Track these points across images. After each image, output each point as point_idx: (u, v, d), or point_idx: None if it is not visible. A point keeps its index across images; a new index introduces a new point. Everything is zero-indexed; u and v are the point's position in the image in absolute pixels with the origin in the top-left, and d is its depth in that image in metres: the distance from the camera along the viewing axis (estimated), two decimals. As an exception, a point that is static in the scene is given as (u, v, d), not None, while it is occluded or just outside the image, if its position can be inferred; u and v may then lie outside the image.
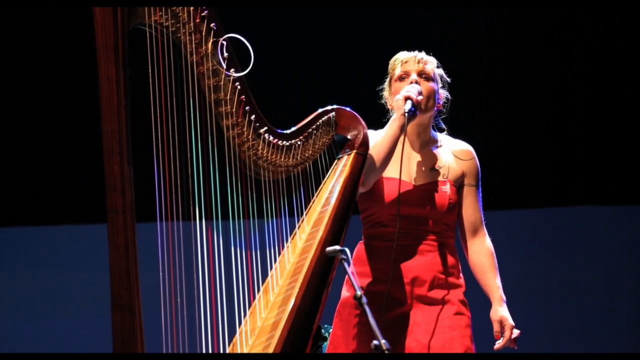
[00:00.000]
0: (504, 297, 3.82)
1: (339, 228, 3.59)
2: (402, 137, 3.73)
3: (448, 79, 3.93)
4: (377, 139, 3.77)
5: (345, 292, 3.88)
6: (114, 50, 3.01)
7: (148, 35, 3.15)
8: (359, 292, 3.01)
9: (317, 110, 3.79)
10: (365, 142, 3.81)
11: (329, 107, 3.82)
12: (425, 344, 3.72)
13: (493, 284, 3.83)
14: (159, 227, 3.09)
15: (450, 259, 3.84)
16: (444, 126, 3.97)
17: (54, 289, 6.47)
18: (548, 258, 6.57)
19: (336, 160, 3.83)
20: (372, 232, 3.84)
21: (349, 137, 3.82)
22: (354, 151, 3.80)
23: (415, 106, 3.72)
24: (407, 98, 3.72)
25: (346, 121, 3.82)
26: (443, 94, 3.91)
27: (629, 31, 6.54)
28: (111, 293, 2.97)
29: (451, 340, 3.72)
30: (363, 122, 3.83)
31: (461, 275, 3.86)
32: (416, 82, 3.80)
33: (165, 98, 3.12)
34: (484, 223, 3.90)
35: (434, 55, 3.95)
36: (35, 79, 6.34)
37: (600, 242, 6.64)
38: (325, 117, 3.78)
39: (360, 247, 3.89)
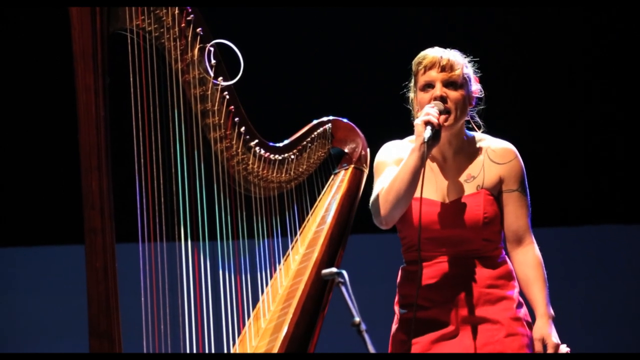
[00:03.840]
0: (551, 313, 3.60)
1: (335, 249, 3.55)
2: (427, 156, 3.54)
3: (479, 75, 3.69)
4: (396, 169, 3.59)
5: (394, 326, 3.73)
6: (92, 57, 2.96)
7: (129, 41, 3.10)
8: (357, 319, 2.90)
9: (312, 121, 3.73)
10: (364, 156, 3.75)
11: (325, 119, 3.75)
12: None
13: (537, 298, 3.61)
14: (140, 248, 3.05)
15: (498, 271, 3.64)
16: (479, 121, 3.73)
17: (27, 315, 6.46)
18: (565, 278, 6.52)
19: (332, 176, 3.77)
20: (409, 256, 3.70)
21: (346, 150, 3.77)
22: (352, 165, 3.75)
23: (437, 130, 3.51)
24: (426, 122, 3.50)
25: (343, 133, 3.77)
26: (476, 89, 3.68)
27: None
28: (89, 320, 2.92)
29: None
30: (361, 134, 3.78)
31: (514, 284, 3.67)
32: (440, 97, 3.56)
33: (148, 109, 3.08)
34: (530, 230, 3.68)
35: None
36: (7, 87, 6.32)
37: (616, 261, 6.67)
38: (321, 129, 3.72)
39: (400, 272, 3.74)
